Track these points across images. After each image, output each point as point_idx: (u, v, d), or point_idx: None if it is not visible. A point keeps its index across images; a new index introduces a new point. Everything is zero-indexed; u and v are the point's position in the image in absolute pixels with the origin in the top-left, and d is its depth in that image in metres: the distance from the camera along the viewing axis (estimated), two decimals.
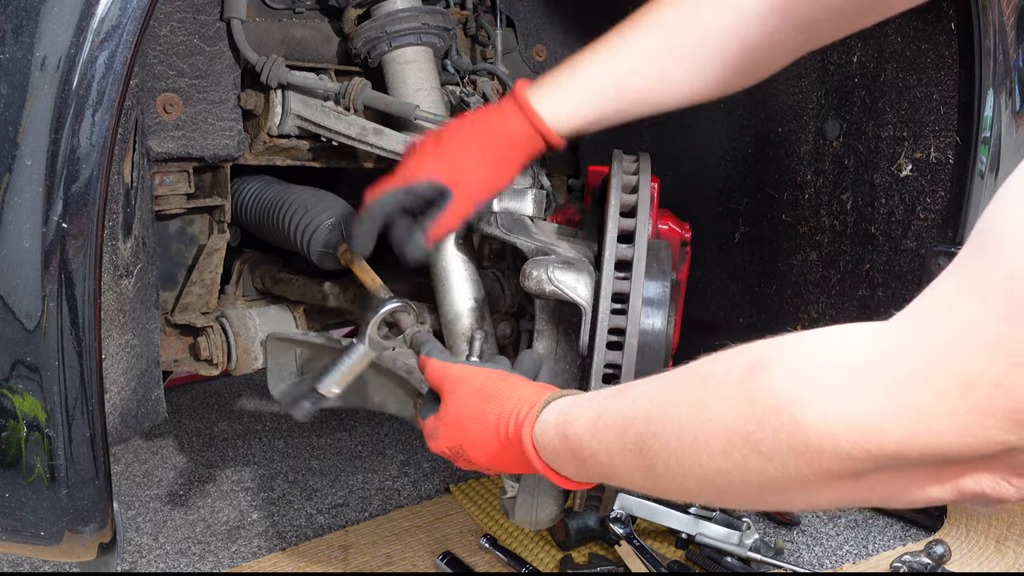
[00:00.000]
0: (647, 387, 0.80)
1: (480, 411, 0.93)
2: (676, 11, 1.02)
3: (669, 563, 1.69)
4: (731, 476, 0.68)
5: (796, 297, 1.55)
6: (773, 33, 0.99)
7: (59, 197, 0.83)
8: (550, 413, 0.88)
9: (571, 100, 1.06)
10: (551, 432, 0.86)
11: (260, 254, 1.59)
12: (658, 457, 0.74)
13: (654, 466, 0.75)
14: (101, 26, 0.82)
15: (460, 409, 0.95)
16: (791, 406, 0.62)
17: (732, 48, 1.00)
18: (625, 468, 0.79)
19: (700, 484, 0.72)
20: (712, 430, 0.69)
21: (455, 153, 1.08)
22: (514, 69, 1.60)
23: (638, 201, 1.05)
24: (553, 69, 1.09)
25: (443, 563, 1.68)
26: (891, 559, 1.70)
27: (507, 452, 0.91)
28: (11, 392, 0.87)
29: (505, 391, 0.94)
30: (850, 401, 0.60)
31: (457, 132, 1.10)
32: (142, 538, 1.84)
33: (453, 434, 0.96)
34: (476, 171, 1.09)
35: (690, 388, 0.74)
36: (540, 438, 0.88)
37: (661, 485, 0.77)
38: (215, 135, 1.29)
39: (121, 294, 1.05)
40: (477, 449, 0.94)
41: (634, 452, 0.77)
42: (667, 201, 1.14)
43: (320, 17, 1.40)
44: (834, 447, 0.60)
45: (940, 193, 1.33)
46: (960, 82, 1.28)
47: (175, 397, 2.60)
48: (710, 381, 0.71)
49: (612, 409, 0.81)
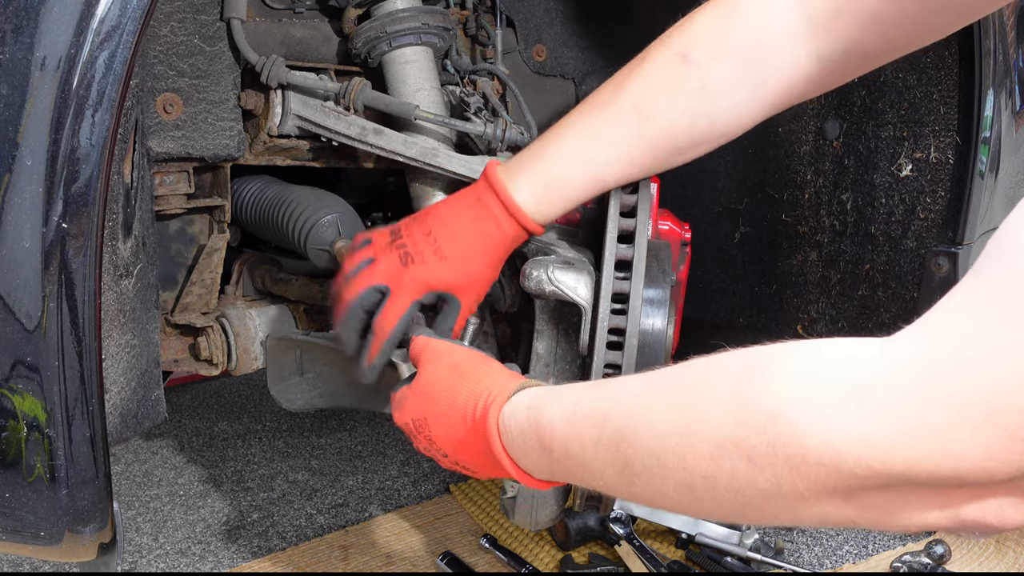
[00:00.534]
0: (632, 383, 0.76)
1: (452, 386, 0.90)
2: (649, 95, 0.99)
3: (669, 563, 1.69)
4: (715, 483, 0.65)
5: (796, 297, 1.55)
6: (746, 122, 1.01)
7: (59, 197, 0.83)
8: (523, 397, 0.84)
9: (550, 199, 1.03)
10: (521, 415, 0.82)
11: (260, 254, 1.59)
12: (636, 456, 0.70)
13: (631, 464, 0.71)
14: (101, 26, 0.82)
15: (433, 379, 0.92)
16: (789, 414, 0.59)
17: (696, 143, 1.01)
18: (597, 463, 0.75)
19: (679, 489, 0.68)
20: (700, 432, 0.65)
21: (460, 263, 1.06)
22: (514, 69, 1.60)
23: (638, 201, 1.05)
24: (524, 156, 1.04)
25: (443, 563, 1.68)
26: (891, 559, 1.70)
27: (470, 435, 0.87)
28: (11, 392, 0.87)
29: (482, 371, 0.90)
30: (856, 414, 0.57)
31: (457, 240, 1.05)
32: (142, 538, 1.84)
33: (420, 405, 0.92)
34: (479, 278, 1.08)
35: (679, 388, 0.70)
36: (508, 421, 0.83)
37: (635, 487, 0.72)
38: (215, 135, 1.29)
39: (121, 294, 1.05)
40: (441, 426, 0.90)
41: (610, 447, 0.73)
42: (667, 201, 1.14)
43: (320, 17, 1.40)
44: (835, 461, 0.57)
45: (940, 193, 1.33)
46: (960, 82, 1.28)
47: (175, 397, 2.60)
48: (701, 382, 0.68)
49: (591, 399, 0.78)
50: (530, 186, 1.02)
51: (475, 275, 1.07)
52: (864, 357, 0.60)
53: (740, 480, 0.63)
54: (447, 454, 0.92)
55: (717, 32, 0.96)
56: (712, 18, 0.97)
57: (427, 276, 1.06)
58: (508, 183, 1.03)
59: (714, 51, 0.96)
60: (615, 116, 0.99)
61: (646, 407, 0.71)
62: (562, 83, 1.70)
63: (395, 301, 1.07)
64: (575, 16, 1.67)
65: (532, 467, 0.83)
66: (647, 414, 0.70)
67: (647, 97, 0.98)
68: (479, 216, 1.04)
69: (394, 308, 1.07)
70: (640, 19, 1.65)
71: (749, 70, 0.96)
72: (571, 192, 1.03)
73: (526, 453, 0.82)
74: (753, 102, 0.99)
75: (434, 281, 1.06)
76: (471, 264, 1.06)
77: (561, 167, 1.02)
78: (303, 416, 2.45)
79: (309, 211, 1.36)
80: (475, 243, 1.05)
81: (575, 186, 1.02)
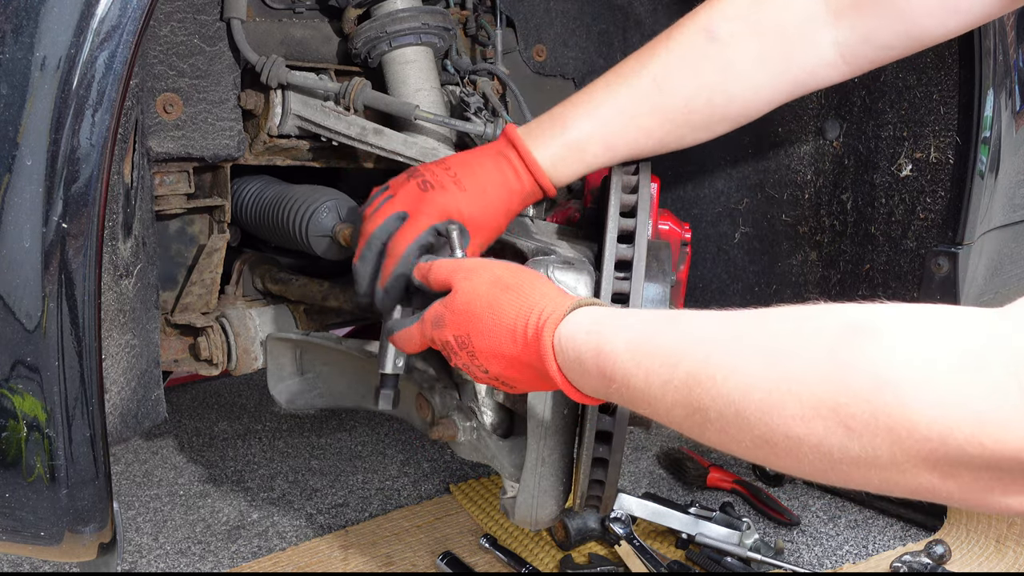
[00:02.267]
0: (708, 323, 0.71)
1: (496, 300, 0.86)
2: (675, 64, 1.04)
3: (669, 563, 1.69)
4: (800, 444, 0.61)
5: (796, 297, 1.55)
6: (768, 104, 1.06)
7: (59, 197, 0.83)
8: (582, 317, 0.80)
9: (567, 160, 1.07)
10: (580, 338, 0.78)
11: (260, 254, 1.59)
12: (712, 404, 0.66)
13: (704, 410, 0.67)
14: (101, 26, 0.82)
15: (473, 296, 0.88)
16: (898, 384, 0.55)
17: (709, 122, 1.06)
18: (664, 402, 0.71)
19: (757, 443, 0.64)
20: (790, 392, 0.61)
21: (479, 196, 1.05)
22: (514, 69, 1.60)
23: (638, 201, 1.05)
24: (543, 119, 1.09)
25: (443, 563, 1.68)
26: (891, 559, 1.70)
27: (518, 349, 0.84)
28: (11, 392, 0.87)
29: (528, 284, 0.87)
30: (972, 389, 0.53)
31: (477, 176, 1.06)
32: (142, 538, 1.84)
33: (462, 320, 0.88)
34: (494, 217, 1.07)
35: (765, 338, 0.66)
36: (565, 343, 0.80)
37: (707, 432, 0.69)
38: (215, 135, 1.29)
39: (121, 294, 1.05)
40: (485, 340, 0.86)
41: (681, 389, 0.69)
42: (667, 201, 1.14)
43: (320, 17, 1.40)
44: (943, 437, 0.54)
45: (940, 193, 1.33)
46: (960, 82, 1.28)
47: (175, 397, 2.60)
48: (795, 337, 0.64)
49: (660, 335, 0.73)
50: (547, 146, 1.06)
51: (491, 213, 1.07)
52: (980, 328, 0.56)
53: (831, 445, 0.60)
54: (488, 369, 0.89)
55: (745, 13, 1.01)
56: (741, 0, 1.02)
57: (446, 202, 1.04)
58: (528, 141, 1.06)
59: (740, 30, 1.01)
60: (635, 86, 1.04)
61: (726, 355, 0.67)
62: (562, 83, 1.70)
63: (412, 223, 1.04)
64: (575, 16, 1.67)
65: (588, 388, 0.81)
66: (728, 363, 0.66)
67: (669, 70, 1.03)
68: (499, 164, 1.07)
69: (411, 230, 1.04)
70: (640, 19, 1.66)
71: (772, 52, 1.01)
72: (586, 155, 1.06)
73: (583, 375, 0.79)
74: (772, 84, 1.03)
75: (452, 209, 1.04)
76: (488, 199, 1.06)
77: (578, 130, 1.06)
78: (303, 416, 2.45)
79: (307, 202, 1.37)
80: (494, 183, 1.06)
81: (590, 150, 1.06)
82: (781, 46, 1.01)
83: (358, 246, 1.08)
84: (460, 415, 1.26)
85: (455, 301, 0.90)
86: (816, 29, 1.00)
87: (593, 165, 1.08)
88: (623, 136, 1.05)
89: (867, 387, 0.57)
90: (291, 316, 1.52)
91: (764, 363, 0.64)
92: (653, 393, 0.72)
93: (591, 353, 0.77)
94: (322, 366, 1.43)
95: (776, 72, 1.02)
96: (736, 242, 1.64)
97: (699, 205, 1.67)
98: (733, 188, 1.63)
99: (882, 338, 0.58)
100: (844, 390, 0.58)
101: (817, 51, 1.01)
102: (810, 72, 1.03)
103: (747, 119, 1.07)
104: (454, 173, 1.06)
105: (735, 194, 1.63)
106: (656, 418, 0.75)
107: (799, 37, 1.00)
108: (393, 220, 1.05)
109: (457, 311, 0.89)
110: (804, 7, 1.00)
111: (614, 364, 0.75)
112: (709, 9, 1.04)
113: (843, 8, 0.98)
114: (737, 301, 1.66)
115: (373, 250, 1.06)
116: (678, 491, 2.04)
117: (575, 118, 1.06)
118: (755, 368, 0.64)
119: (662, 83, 1.03)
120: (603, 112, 1.05)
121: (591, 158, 1.07)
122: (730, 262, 1.65)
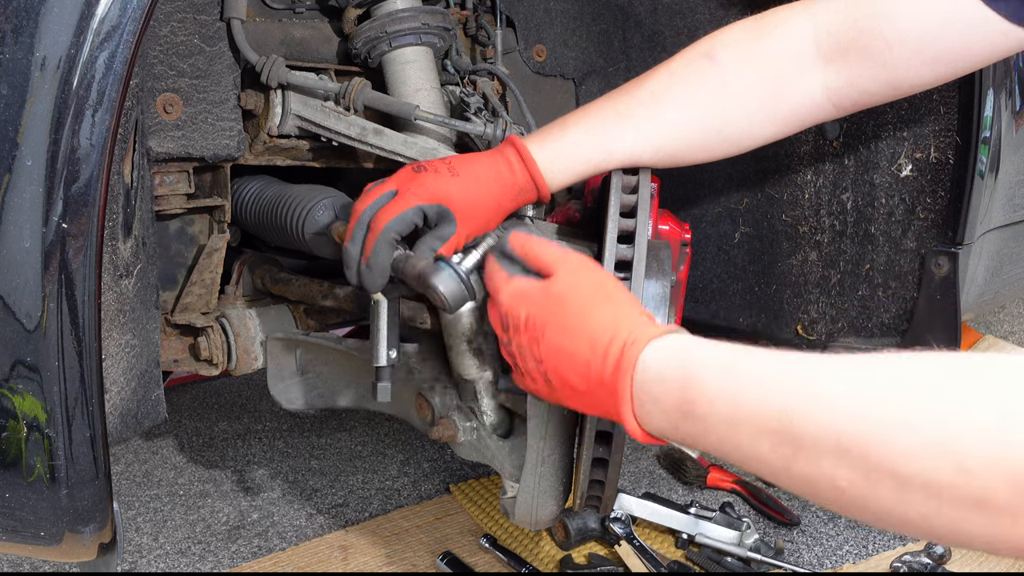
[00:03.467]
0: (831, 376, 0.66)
1: (592, 304, 0.85)
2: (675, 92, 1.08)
3: (669, 563, 1.69)
4: (932, 523, 0.58)
5: (796, 297, 1.55)
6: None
7: (59, 197, 0.83)
8: (672, 342, 0.79)
9: (564, 159, 1.09)
10: (671, 364, 0.77)
11: (260, 254, 1.59)
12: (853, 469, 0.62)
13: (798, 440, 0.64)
14: (101, 26, 0.82)
15: (573, 290, 0.87)
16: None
17: (706, 142, 1.11)
18: (748, 430, 0.69)
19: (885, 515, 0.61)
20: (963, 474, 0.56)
21: (470, 183, 1.06)
22: (514, 69, 1.60)
23: (638, 201, 1.05)
24: (547, 126, 1.12)
25: (443, 563, 1.68)
26: (891, 559, 1.70)
27: (598, 360, 0.82)
28: (11, 392, 0.87)
29: (624, 299, 0.86)
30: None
31: (471, 167, 1.08)
32: (142, 538, 1.84)
33: (548, 306, 0.88)
34: (483, 207, 1.07)
35: (923, 398, 0.60)
36: (650, 365, 0.78)
37: (794, 464, 0.66)
38: (215, 135, 1.29)
39: (121, 294, 1.05)
40: (562, 335, 0.85)
41: (784, 443, 0.66)
42: (667, 201, 1.14)
43: (320, 17, 1.40)
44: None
45: (940, 193, 1.33)
46: (960, 82, 1.27)
47: (175, 397, 2.60)
48: (954, 398, 0.59)
49: (764, 379, 0.70)
50: (545, 147, 1.09)
51: (481, 202, 1.07)
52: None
53: (985, 531, 0.57)
54: (544, 361, 0.87)
55: (746, 43, 1.07)
56: (745, 31, 1.08)
57: (436, 185, 1.05)
58: (527, 142, 1.10)
59: (739, 57, 1.06)
60: (634, 95, 1.09)
61: (871, 420, 0.62)
62: (562, 83, 1.70)
63: (399, 200, 1.04)
64: (575, 16, 1.67)
65: (657, 414, 0.78)
66: (880, 433, 0.61)
67: (666, 85, 1.08)
68: (495, 159, 1.09)
69: (396, 206, 1.03)
70: (640, 19, 1.65)
71: (766, 83, 1.06)
72: (583, 155, 1.08)
73: (661, 395, 0.77)
74: (764, 114, 1.08)
75: (442, 193, 1.05)
76: (480, 187, 1.07)
77: (576, 134, 1.09)
78: (303, 416, 2.45)
79: (304, 201, 1.37)
80: (487, 173, 1.07)
81: (586, 153, 1.08)
82: (774, 78, 1.06)
83: (347, 227, 1.07)
84: (460, 415, 1.26)
85: (553, 286, 0.89)
86: (807, 69, 1.05)
87: (588, 167, 1.09)
88: (619, 140, 1.07)
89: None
90: (291, 316, 1.52)
91: (924, 429, 0.59)
92: (740, 416, 0.70)
93: (677, 373, 0.76)
94: (322, 366, 1.43)
95: (768, 103, 1.07)
96: (736, 242, 1.63)
97: (699, 205, 1.67)
98: (733, 188, 1.63)
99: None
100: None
101: (806, 89, 1.06)
102: (796, 108, 1.08)
103: (742, 146, 1.11)
104: (449, 162, 1.09)
105: (735, 194, 1.63)
106: (731, 450, 0.73)
107: (791, 73, 1.05)
108: (383, 198, 1.05)
109: (551, 296, 0.88)
110: (797, 47, 1.05)
111: (702, 383, 0.74)
112: (711, 37, 1.09)
113: (832, 53, 1.03)
114: (737, 301, 1.66)
115: (363, 228, 1.05)
116: (678, 491, 2.04)
117: (574, 123, 1.10)
118: (913, 432, 0.60)
119: (660, 95, 1.08)
120: (602, 117, 1.09)
121: (586, 157, 1.08)
122: (730, 262, 1.65)
